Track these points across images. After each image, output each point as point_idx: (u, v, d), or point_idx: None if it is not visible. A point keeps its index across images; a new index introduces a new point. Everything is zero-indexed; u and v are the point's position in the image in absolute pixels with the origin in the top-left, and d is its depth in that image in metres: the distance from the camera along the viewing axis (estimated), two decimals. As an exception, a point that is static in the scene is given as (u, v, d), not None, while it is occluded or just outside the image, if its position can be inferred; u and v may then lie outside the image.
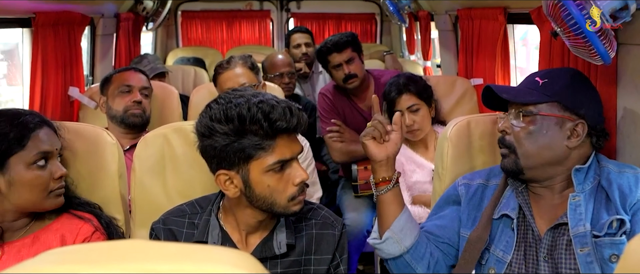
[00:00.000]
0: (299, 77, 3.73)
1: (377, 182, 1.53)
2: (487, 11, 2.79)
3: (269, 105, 1.27)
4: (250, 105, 1.27)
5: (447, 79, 3.00)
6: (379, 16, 6.24)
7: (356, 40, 2.91)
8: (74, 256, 0.53)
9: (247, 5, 6.26)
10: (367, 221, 2.68)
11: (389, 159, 1.51)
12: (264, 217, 1.41)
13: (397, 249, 1.51)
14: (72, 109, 2.95)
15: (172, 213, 1.49)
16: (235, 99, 1.29)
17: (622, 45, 1.64)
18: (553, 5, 1.50)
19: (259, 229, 1.44)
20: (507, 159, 1.49)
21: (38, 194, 1.50)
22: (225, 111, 1.28)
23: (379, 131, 1.50)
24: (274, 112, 1.27)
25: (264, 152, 1.29)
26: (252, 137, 1.28)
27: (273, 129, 1.28)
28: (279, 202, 1.34)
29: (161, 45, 5.75)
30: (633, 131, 1.65)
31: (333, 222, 1.50)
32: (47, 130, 1.55)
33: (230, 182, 1.35)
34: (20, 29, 2.71)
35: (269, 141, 1.29)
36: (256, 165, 1.31)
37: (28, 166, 1.48)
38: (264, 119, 1.26)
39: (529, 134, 1.44)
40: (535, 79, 1.48)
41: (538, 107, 1.44)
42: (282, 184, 1.33)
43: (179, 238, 1.44)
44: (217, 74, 2.41)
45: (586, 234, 1.36)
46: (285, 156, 1.32)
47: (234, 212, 1.43)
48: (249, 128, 1.27)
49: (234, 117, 1.27)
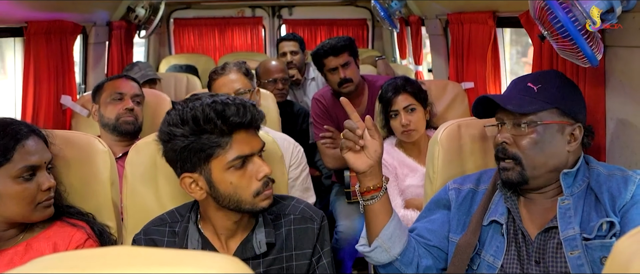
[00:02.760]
0: (292, 83, 3.74)
1: (363, 191, 1.48)
2: (477, 15, 2.81)
3: (222, 103, 1.32)
4: (204, 105, 1.31)
5: (438, 83, 3.02)
6: (371, 22, 6.26)
7: (353, 45, 2.92)
8: (65, 262, 0.53)
9: (239, 12, 6.27)
10: (360, 227, 2.68)
11: (373, 168, 1.45)
12: (238, 218, 1.42)
13: (386, 257, 1.51)
14: (65, 117, 2.94)
15: (153, 222, 1.51)
16: (190, 103, 1.34)
17: (609, 47, 1.65)
18: (540, 8, 1.51)
19: (238, 232, 1.45)
20: (511, 171, 1.45)
21: (25, 207, 1.49)
22: (181, 114, 1.32)
23: (350, 139, 1.42)
24: (227, 110, 1.31)
25: (222, 149, 1.33)
26: (208, 136, 1.32)
27: (228, 125, 1.32)
28: (245, 199, 1.36)
29: (154, 53, 5.75)
30: (622, 132, 1.66)
31: (312, 216, 1.50)
32: (36, 140, 1.54)
33: (195, 184, 1.38)
34: (12, 38, 2.71)
35: (225, 138, 1.33)
36: (217, 163, 1.34)
37: (14, 179, 1.47)
38: (217, 116, 1.30)
39: (535, 144, 1.42)
40: (528, 85, 1.46)
41: (539, 116, 1.42)
42: (245, 181, 1.36)
43: (160, 247, 1.44)
44: (212, 80, 2.42)
45: (576, 237, 1.36)
46: (244, 152, 1.35)
47: (209, 217, 1.44)
48: (204, 127, 1.31)
49: (188, 119, 1.31)
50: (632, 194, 1.37)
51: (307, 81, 3.88)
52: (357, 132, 1.41)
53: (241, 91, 2.30)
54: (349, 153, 1.44)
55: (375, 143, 1.44)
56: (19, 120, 1.58)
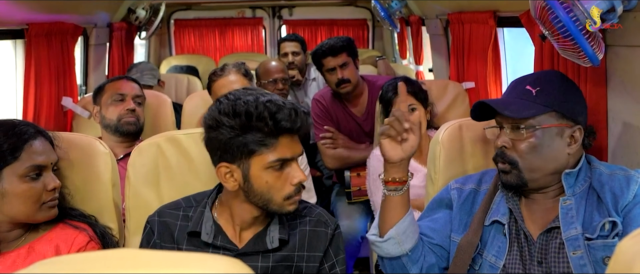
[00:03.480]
0: (292, 84, 3.74)
1: (387, 181, 1.49)
2: (477, 15, 2.81)
3: (276, 105, 1.33)
4: (258, 103, 1.32)
5: (439, 83, 3.01)
6: (371, 22, 6.27)
7: (352, 45, 2.92)
8: (66, 265, 0.54)
9: (239, 13, 6.28)
10: (361, 227, 2.69)
11: (403, 162, 1.46)
12: (259, 213, 1.44)
13: (397, 250, 1.51)
14: (66, 119, 2.94)
15: (168, 206, 1.53)
16: (244, 96, 1.34)
17: (610, 47, 1.65)
18: (541, 8, 1.51)
19: (253, 225, 1.47)
20: (510, 174, 1.46)
21: (30, 206, 1.50)
22: (234, 106, 1.33)
23: (395, 129, 1.44)
24: (280, 112, 1.32)
25: (266, 149, 1.34)
26: (256, 133, 1.33)
27: (277, 128, 1.33)
28: (275, 200, 1.38)
29: (154, 54, 5.75)
30: (623, 131, 1.66)
31: (327, 221, 1.52)
32: (43, 141, 1.55)
33: (230, 175, 1.39)
34: (13, 40, 2.71)
35: (272, 139, 1.34)
36: (257, 161, 1.35)
37: (21, 178, 1.48)
38: (270, 117, 1.32)
39: (533, 148, 1.42)
40: (526, 88, 1.47)
41: (537, 120, 1.43)
42: (280, 183, 1.37)
43: (173, 230, 1.47)
44: (212, 82, 2.43)
45: (578, 237, 1.36)
46: (286, 155, 1.36)
47: (230, 206, 1.45)
48: (254, 124, 1.32)
49: (241, 112, 1.32)
50: (634, 193, 1.37)
51: (308, 82, 3.88)
52: (404, 125, 1.43)
53: None
54: (386, 140, 1.46)
55: (414, 139, 1.45)
56: (26, 121, 1.60)
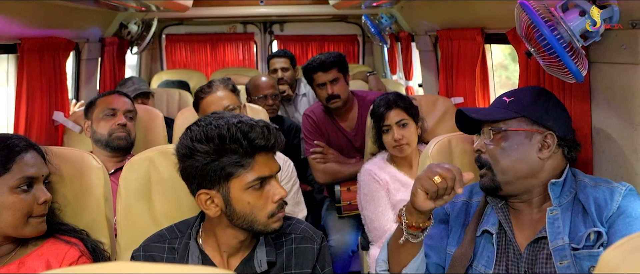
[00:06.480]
0: (283, 99, 3.77)
1: (410, 225, 1.43)
2: (466, 32, 2.86)
3: (248, 125, 1.34)
4: (230, 125, 1.33)
5: (428, 98, 3.04)
6: (361, 37, 6.31)
7: (343, 61, 2.95)
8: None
9: (231, 28, 6.30)
10: (351, 242, 2.70)
11: (430, 211, 1.41)
12: (245, 237, 1.44)
13: None
14: (57, 133, 2.94)
15: (152, 239, 1.51)
16: (215, 121, 1.35)
17: (594, 64, 1.69)
18: (526, 26, 1.55)
19: (240, 250, 1.46)
20: (485, 177, 1.54)
21: (19, 219, 1.49)
22: (206, 131, 1.33)
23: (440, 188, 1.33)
24: (252, 131, 1.33)
25: (244, 169, 1.35)
26: (231, 155, 1.33)
27: (252, 147, 1.34)
28: (260, 220, 1.38)
29: (146, 69, 5.76)
30: (607, 145, 1.70)
31: (312, 235, 1.52)
32: (34, 154, 1.56)
33: (211, 201, 1.38)
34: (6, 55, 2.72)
35: (248, 159, 1.35)
36: (236, 183, 1.35)
37: (11, 190, 1.48)
38: (243, 137, 1.32)
39: (503, 150, 1.50)
40: (503, 99, 1.57)
41: (507, 124, 1.52)
42: (261, 201, 1.38)
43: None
44: (199, 99, 2.38)
45: (565, 247, 1.40)
46: (265, 173, 1.37)
47: (215, 233, 1.45)
48: (229, 147, 1.32)
49: (214, 136, 1.32)
50: (618, 205, 1.41)
51: (298, 97, 3.91)
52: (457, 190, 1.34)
53: (230, 108, 2.30)
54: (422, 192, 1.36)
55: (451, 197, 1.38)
56: (18, 134, 1.61)
